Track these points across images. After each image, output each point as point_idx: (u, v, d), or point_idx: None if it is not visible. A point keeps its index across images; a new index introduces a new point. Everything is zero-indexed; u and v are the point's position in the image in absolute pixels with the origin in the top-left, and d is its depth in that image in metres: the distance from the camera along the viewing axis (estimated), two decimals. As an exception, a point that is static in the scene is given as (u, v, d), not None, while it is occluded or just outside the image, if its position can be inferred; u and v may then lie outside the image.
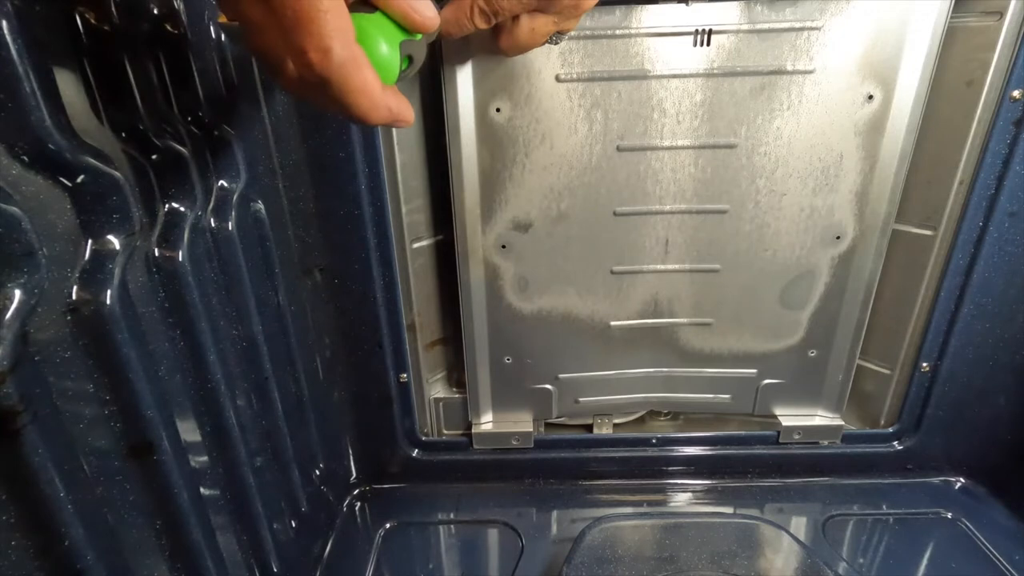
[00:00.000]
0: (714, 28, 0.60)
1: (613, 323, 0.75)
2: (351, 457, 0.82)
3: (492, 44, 0.52)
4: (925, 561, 0.70)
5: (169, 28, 0.44)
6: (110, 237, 0.37)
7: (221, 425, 0.51)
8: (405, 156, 0.67)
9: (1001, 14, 0.59)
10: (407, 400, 0.78)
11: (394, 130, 0.64)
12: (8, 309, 0.30)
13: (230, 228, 0.52)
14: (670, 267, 0.72)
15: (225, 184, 0.52)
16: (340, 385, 0.76)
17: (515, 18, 0.49)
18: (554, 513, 0.79)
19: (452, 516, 0.79)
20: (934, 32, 0.59)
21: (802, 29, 0.60)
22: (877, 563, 0.70)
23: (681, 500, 0.81)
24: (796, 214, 0.68)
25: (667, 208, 0.68)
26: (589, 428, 0.85)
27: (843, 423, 0.80)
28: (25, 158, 0.32)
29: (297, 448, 0.66)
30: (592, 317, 0.75)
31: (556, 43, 0.53)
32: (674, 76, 0.62)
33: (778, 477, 0.82)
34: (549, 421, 0.85)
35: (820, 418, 0.80)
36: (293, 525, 0.66)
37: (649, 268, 0.72)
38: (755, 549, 0.64)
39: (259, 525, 0.57)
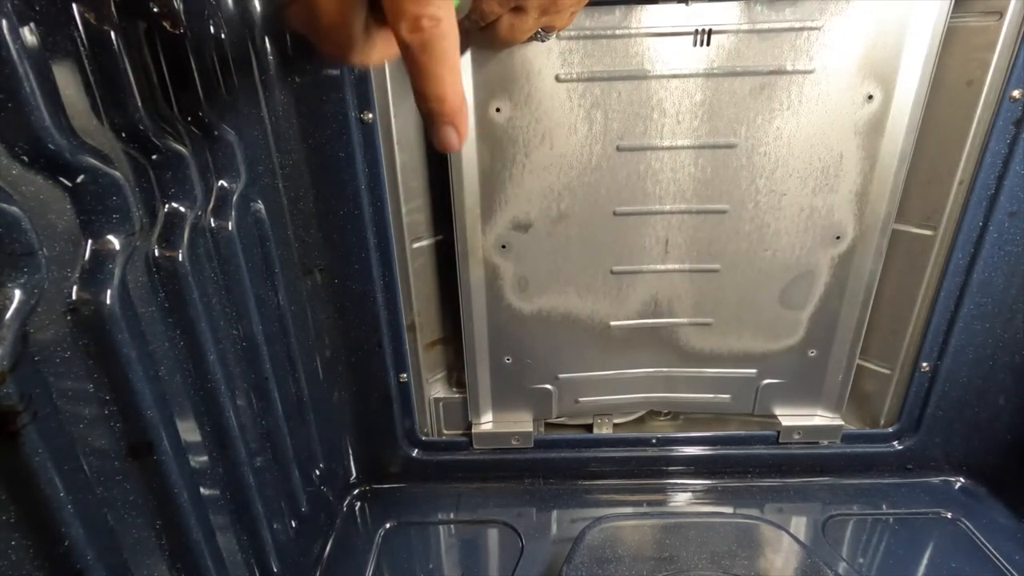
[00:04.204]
0: (714, 28, 0.60)
1: (613, 323, 0.75)
2: (351, 457, 0.82)
3: (477, 38, 0.52)
4: (925, 561, 0.70)
5: (169, 28, 0.44)
6: (110, 237, 0.37)
7: (221, 425, 0.51)
8: (405, 156, 0.67)
9: (1001, 14, 0.59)
10: (407, 400, 0.78)
11: (394, 130, 0.64)
12: (8, 309, 0.30)
13: (230, 228, 0.52)
14: (670, 267, 0.72)
15: (225, 184, 0.52)
16: (340, 385, 0.76)
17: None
18: (554, 513, 0.79)
19: (452, 516, 0.79)
20: (934, 32, 0.59)
21: (802, 29, 0.60)
22: (877, 563, 0.70)
23: (681, 500, 0.81)
24: (796, 214, 0.68)
25: (667, 208, 0.68)
26: (589, 428, 0.85)
27: (843, 423, 0.80)
28: (25, 158, 0.32)
29: (297, 448, 0.66)
30: (592, 317, 0.75)
31: (543, 40, 0.53)
32: (674, 76, 0.62)
33: (778, 477, 0.82)
34: (549, 421, 0.85)
35: (820, 418, 0.80)
36: (293, 525, 0.66)
37: (649, 268, 0.72)
38: (755, 549, 0.64)
39: (259, 525, 0.57)
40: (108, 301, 0.36)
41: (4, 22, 0.29)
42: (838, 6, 0.59)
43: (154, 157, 0.42)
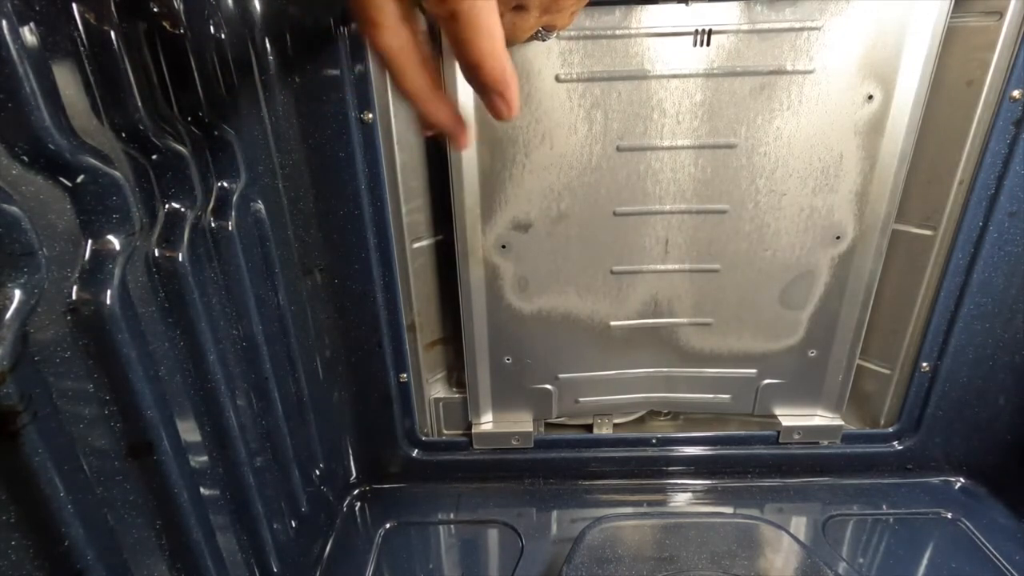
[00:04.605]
0: (714, 28, 0.60)
1: (613, 323, 0.75)
2: (351, 457, 0.82)
3: None
4: (925, 561, 0.70)
5: (169, 28, 0.44)
6: (110, 237, 0.37)
7: (221, 425, 0.51)
8: (405, 156, 0.67)
9: (1001, 14, 0.59)
10: (407, 400, 0.78)
11: (394, 130, 0.64)
12: (8, 309, 0.30)
13: (230, 228, 0.52)
14: (670, 267, 0.72)
15: (225, 184, 0.52)
16: (340, 385, 0.76)
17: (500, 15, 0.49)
18: (554, 513, 0.79)
19: (452, 516, 0.79)
20: (934, 32, 0.59)
21: (802, 29, 0.60)
22: (877, 563, 0.70)
23: (681, 500, 0.81)
24: (796, 214, 0.68)
25: (667, 208, 0.68)
26: (589, 428, 0.85)
27: (843, 423, 0.80)
28: (25, 158, 0.32)
29: (297, 448, 0.66)
30: (592, 317, 0.75)
31: (544, 39, 0.53)
32: (674, 76, 0.62)
33: (778, 477, 0.82)
34: (549, 421, 0.85)
35: (820, 418, 0.80)
36: (293, 525, 0.66)
37: (649, 268, 0.72)
38: (755, 549, 0.64)
39: (259, 525, 0.57)
40: (108, 301, 0.36)
41: (4, 22, 0.29)
42: (838, 6, 0.59)
43: (154, 157, 0.42)
